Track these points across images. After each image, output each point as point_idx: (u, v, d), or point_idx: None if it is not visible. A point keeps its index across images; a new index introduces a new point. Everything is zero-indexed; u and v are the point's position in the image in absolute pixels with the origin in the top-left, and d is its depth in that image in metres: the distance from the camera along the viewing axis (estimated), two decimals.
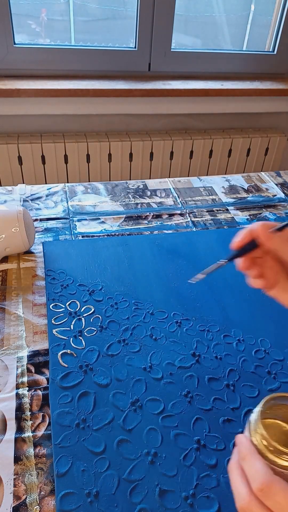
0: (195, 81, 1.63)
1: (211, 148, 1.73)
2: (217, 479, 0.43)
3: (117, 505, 0.40)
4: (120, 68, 1.59)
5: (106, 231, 0.79)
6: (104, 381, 0.51)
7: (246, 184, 1.00)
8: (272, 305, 0.64)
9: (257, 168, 1.87)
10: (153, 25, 1.53)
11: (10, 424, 0.46)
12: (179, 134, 1.71)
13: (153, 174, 1.72)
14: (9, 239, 0.66)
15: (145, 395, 0.50)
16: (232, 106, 1.70)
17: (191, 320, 0.61)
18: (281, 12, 1.65)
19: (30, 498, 0.40)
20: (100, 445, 0.45)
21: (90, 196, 0.90)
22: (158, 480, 0.42)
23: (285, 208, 0.92)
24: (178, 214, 0.86)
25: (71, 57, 1.52)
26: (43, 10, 1.47)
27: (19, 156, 1.53)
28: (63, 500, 0.40)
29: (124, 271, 0.69)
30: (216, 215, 0.87)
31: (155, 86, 1.54)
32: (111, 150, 1.61)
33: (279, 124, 1.88)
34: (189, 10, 1.62)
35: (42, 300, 0.63)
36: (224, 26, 1.68)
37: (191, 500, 0.41)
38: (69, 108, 1.53)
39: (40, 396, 0.49)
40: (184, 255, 0.73)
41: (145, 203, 0.89)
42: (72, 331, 0.57)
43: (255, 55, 1.71)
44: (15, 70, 1.50)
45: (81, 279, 0.66)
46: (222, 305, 0.64)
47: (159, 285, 0.66)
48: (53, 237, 0.76)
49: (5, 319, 0.59)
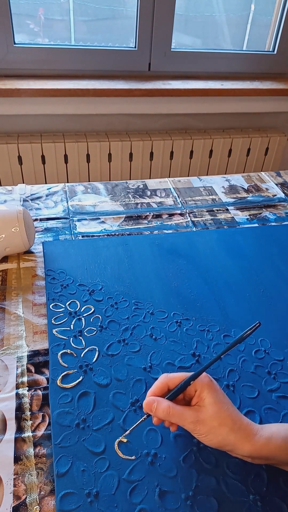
0: (195, 81, 1.63)
1: (211, 148, 1.73)
2: (217, 480, 0.43)
3: (117, 505, 0.40)
4: (120, 68, 1.59)
5: (106, 231, 0.79)
6: (104, 381, 0.51)
7: (246, 184, 1.00)
8: (272, 305, 0.64)
9: (257, 168, 1.87)
10: (153, 25, 1.53)
11: (10, 424, 0.46)
12: (179, 134, 1.71)
13: (153, 174, 1.72)
14: (9, 239, 0.66)
15: (145, 395, 0.50)
16: (232, 106, 1.70)
17: (191, 320, 0.61)
18: (281, 12, 1.65)
19: (30, 498, 0.40)
20: (100, 445, 0.44)
21: (90, 196, 0.90)
22: (158, 481, 0.42)
23: (285, 208, 0.92)
24: (178, 214, 0.86)
25: (71, 57, 1.52)
26: (40, 9, 1.47)
27: (19, 156, 1.52)
28: (63, 500, 0.40)
29: (124, 271, 0.69)
30: (216, 215, 0.87)
31: (155, 86, 1.54)
32: (111, 150, 1.61)
33: (279, 124, 1.88)
34: (189, 10, 1.62)
35: (42, 300, 0.63)
36: (224, 26, 1.68)
37: (190, 501, 0.41)
38: (69, 108, 1.53)
39: (40, 396, 0.49)
40: (184, 255, 0.73)
41: (145, 203, 0.89)
42: (72, 331, 0.57)
43: (255, 55, 1.71)
44: (15, 70, 1.50)
45: (81, 279, 0.66)
46: (222, 305, 0.64)
47: (159, 285, 0.66)
48: (53, 237, 0.76)
49: (5, 319, 0.59)
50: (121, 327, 0.59)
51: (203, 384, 0.42)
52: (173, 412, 0.41)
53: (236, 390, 0.52)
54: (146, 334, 0.58)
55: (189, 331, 0.59)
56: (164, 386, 0.43)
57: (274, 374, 0.54)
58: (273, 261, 0.73)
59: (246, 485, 0.42)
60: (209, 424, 0.40)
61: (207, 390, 0.41)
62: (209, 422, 0.40)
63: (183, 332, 0.59)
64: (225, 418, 0.40)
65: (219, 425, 0.40)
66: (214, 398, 0.41)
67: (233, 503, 0.41)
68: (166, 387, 0.43)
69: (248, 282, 0.68)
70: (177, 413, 0.41)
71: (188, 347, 0.57)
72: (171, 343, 0.57)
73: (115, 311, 0.61)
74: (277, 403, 0.50)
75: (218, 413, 0.40)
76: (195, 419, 0.40)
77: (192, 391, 0.42)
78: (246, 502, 0.41)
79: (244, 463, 0.44)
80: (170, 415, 0.41)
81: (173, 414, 0.41)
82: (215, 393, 0.41)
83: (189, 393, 0.43)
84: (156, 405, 0.41)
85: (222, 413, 0.40)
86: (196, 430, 0.41)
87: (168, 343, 0.57)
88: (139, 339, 0.57)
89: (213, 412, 0.40)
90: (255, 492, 0.42)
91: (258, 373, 0.54)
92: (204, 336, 0.58)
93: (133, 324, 0.59)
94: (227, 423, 0.40)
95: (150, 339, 0.57)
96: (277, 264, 0.73)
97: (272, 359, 0.56)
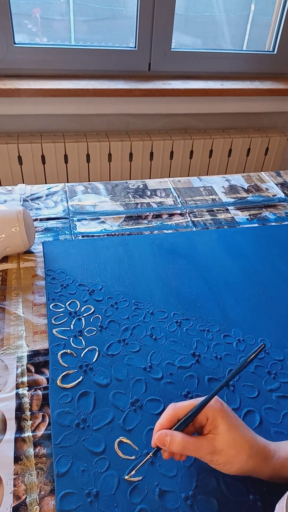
0: (195, 81, 1.63)
1: (211, 148, 1.73)
2: (217, 480, 0.43)
3: (117, 505, 0.40)
4: (120, 68, 1.59)
5: (106, 231, 0.79)
6: (104, 381, 0.51)
7: (246, 184, 1.00)
8: (272, 305, 0.64)
9: (257, 168, 1.87)
10: (153, 25, 1.53)
11: (10, 424, 0.46)
12: (179, 134, 1.71)
13: (153, 174, 1.72)
14: (9, 239, 0.66)
15: (145, 395, 0.50)
16: (232, 106, 1.70)
17: (191, 320, 0.61)
18: (281, 12, 1.65)
19: (30, 498, 0.40)
20: (100, 445, 0.44)
21: (90, 196, 0.90)
22: (158, 481, 0.42)
23: (285, 208, 0.92)
24: (178, 214, 0.86)
25: (71, 57, 1.52)
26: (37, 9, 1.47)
27: (19, 156, 1.52)
28: (63, 500, 0.40)
29: (124, 271, 0.69)
30: (216, 215, 0.87)
31: (155, 86, 1.53)
32: (111, 150, 1.61)
33: (279, 124, 1.88)
34: (189, 10, 1.62)
35: (42, 300, 0.63)
36: (224, 26, 1.68)
37: (190, 500, 0.41)
38: (69, 108, 1.53)
39: (40, 396, 0.49)
40: (184, 255, 0.73)
41: (145, 203, 0.89)
42: (72, 331, 0.57)
43: (255, 55, 1.71)
44: (15, 70, 1.50)
45: (81, 279, 0.66)
46: (222, 305, 0.64)
47: (159, 285, 0.66)
48: (53, 237, 0.76)
49: (5, 319, 0.59)
50: (121, 327, 0.59)
51: (215, 410, 0.39)
52: (188, 445, 0.38)
53: (236, 390, 0.52)
54: (146, 334, 0.58)
55: (189, 331, 0.59)
56: (173, 417, 0.41)
57: (274, 374, 0.54)
58: (273, 261, 0.73)
59: (246, 485, 0.42)
60: (227, 453, 0.38)
61: (220, 417, 0.39)
62: (227, 451, 0.38)
63: (183, 332, 0.59)
64: (242, 444, 0.39)
65: (237, 453, 0.38)
66: (228, 425, 0.39)
67: (233, 503, 0.41)
68: (175, 417, 0.41)
69: (248, 282, 0.68)
70: (193, 446, 0.39)
71: (188, 347, 0.57)
72: (171, 343, 0.57)
73: (115, 311, 0.61)
74: (277, 403, 0.50)
75: (234, 440, 0.39)
76: (212, 450, 0.38)
77: (203, 419, 0.40)
78: (246, 502, 0.41)
79: None
80: (186, 448, 0.39)
81: (188, 447, 0.39)
82: (229, 419, 0.39)
83: (200, 421, 0.40)
84: (169, 439, 0.39)
85: (238, 440, 0.39)
86: (214, 461, 0.39)
87: (168, 343, 0.57)
88: (139, 339, 0.57)
89: (229, 440, 0.38)
90: (255, 492, 0.42)
91: (258, 373, 0.54)
92: (204, 336, 0.58)
93: (133, 324, 0.59)
94: (244, 450, 0.38)
95: (150, 339, 0.57)
96: (277, 264, 0.73)
97: (272, 359, 0.56)
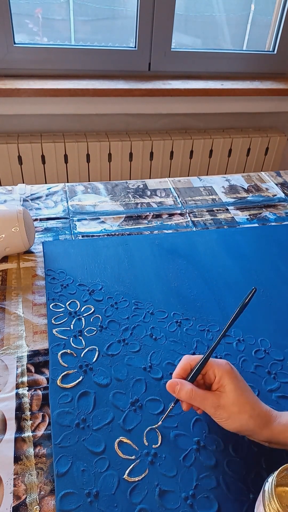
0: (195, 81, 1.63)
1: (211, 148, 1.73)
2: (217, 479, 0.43)
3: (117, 505, 0.40)
4: (120, 68, 1.59)
5: (106, 231, 0.79)
6: (104, 381, 0.51)
7: (246, 184, 1.00)
8: (272, 305, 0.64)
9: (257, 168, 1.87)
10: (153, 25, 1.53)
11: (10, 424, 0.46)
12: (179, 134, 1.71)
13: (153, 174, 1.72)
14: (9, 239, 0.66)
15: (145, 395, 0.50)
16: (232, 106, 1.70)
17: (191, 320, 0.61)
18: (281, 12, 1.65)
19: (30, 498, 0.40)
20: (100, 445, 0.44)
21: (90, 196, 0.90)
22: (158, 481, 0.42)
23: (285, 208, 0.92)
24: (178, 214, 0.86)
25: (71, 57, 1.52)
26: (39, 9, 1.47)
27: (19, 156, 1.52)
28: (63, 500, 0.40)
29: (124, 271, 0.69)
30: (216, 215, 0.87)
31: (155, 86, 1.54)
32: (111, 150, 1.61)
33: (279, 124, 1.88)
34: (189, 10, 1.62)
35: (42, 300, 0.63)
36: (224, 26, 1.68)
37: (190, 500, 0.41)
38: (69, 108, 1.53)
39: (40, 396, 0.49)
40: (184, 255, 0.73)
41: (145, 203, 0.89)
42: (72, 331, 0.57)
43: (255, 55, 1.71)
44: (15, 69, 1.50)
45: (81, 279, 0.66)
46: (222, 305, 0.64)
47: (159, 285, 0.66)
48: (53, 237, 0.76)
49: (5, 319, 0.59)
50: (121, 327, 0.59)
51: (223, 370, 0.43)
52: (195, 395, 0.42)
53: None
54: (146, 334, 0.58)
55: (189, 331, 0.59)
56: (187, 367, 0.44)
57: (274, 374, 0.54)
58: (273, 261, 0.73)
59: (246, 484, 0.42)
60: (230, 410, 0.41)
61: (228, 377, 0.42)
62: (230, 408, 0.41)
63: (183, 332, 0.59)
64: (244, 404, 0.41)
65: (239, 412, 0.41)
66: (234, 385, 0.42)
67: (233, 503, 0.41)
68: (189, 367, 0.44)
69: (248, 282, 0.68)
70: (200, 397, 0.42)
71: (188, 347, 0.57)
72: (171, 343, 0.57)
73: (115, 311, 0.61)
74: (277, 403, 0.50)
75: (238, 400, 0.41)
76: (216, 404, 0.42)
77: (212, 376, 0.43)
78: (246, 502, 0.41)
79: (244, 463, 0.44)
80: (193, 397, 0.42)
81: (195, 397, 0.42)
82: (236, 380, 0.42)
83: (209, 379, 0.44)
84: (179, 387, 0.43)
85: (242, 400, 0.41)
86: (217, 414, 0.42)
87: (168, 343, 0.57)
88: (139, 339, 0.57)
89: (233, 398, 0.41)
90: (255, 491, 0.42)
91: (258, 373, 0.54)
92: (204, 336, 0.58)
93: (133, 324, 0.59)
94: (246, 409, 0.41)
95: (150, 339, 0.57)
96: (277, 264, 0.73)
97: (272, 359, 0.56)
